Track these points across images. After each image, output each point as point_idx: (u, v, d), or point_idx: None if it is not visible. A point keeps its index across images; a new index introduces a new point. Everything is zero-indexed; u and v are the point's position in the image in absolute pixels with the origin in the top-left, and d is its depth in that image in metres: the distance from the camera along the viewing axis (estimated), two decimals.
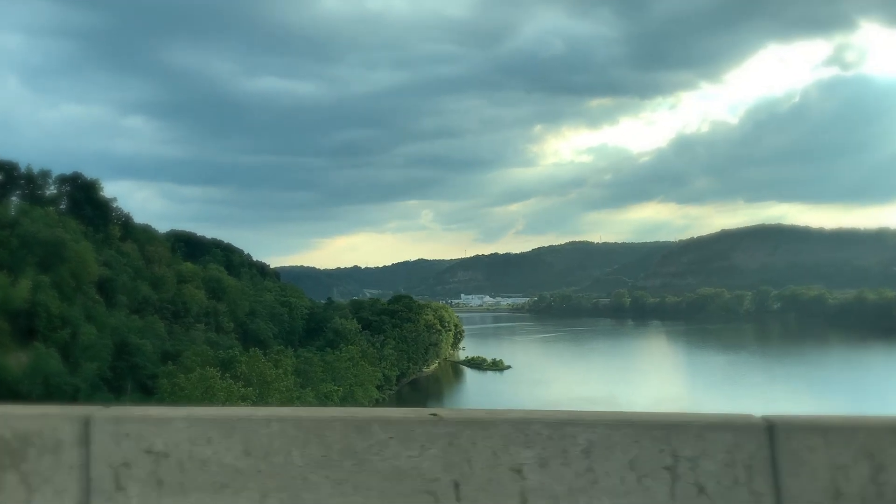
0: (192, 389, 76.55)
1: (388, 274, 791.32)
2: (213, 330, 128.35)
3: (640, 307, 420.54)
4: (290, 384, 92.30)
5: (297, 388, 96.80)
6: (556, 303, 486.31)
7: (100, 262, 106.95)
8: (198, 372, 77.12)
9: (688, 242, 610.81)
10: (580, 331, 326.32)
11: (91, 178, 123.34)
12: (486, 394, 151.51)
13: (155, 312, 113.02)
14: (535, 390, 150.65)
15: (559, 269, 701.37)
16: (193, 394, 75.85)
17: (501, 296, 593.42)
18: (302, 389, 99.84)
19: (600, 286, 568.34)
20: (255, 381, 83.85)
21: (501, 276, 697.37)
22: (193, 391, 76.36)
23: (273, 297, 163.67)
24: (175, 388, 78.26)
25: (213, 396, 74.91)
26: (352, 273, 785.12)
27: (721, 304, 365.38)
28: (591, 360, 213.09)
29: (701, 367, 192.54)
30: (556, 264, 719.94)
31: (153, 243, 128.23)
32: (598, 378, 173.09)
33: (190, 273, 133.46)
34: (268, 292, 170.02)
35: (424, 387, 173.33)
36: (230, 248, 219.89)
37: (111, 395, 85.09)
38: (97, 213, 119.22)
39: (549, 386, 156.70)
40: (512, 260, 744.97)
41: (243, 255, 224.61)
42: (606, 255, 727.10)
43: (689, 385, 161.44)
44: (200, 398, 75.08)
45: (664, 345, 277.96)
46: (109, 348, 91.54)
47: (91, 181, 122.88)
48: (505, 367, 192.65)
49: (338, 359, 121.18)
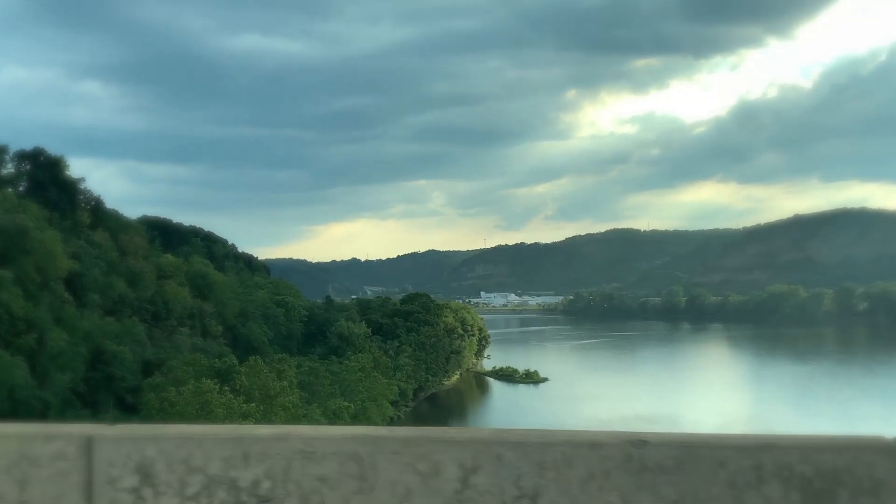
0: (185, 406, 77.49)
1: (393, 268, 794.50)
2: (198, 334, 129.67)
3: (697, 308, 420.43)
4: (295, 399, 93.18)
5: (302, 403, 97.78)
6: (595, 302, 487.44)
7: (67, 255, 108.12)
8: (192, 385, 77.98)
9: (753, 230, 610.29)
10: (626, 336, 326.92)
11: (55, 155, 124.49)
12: (521, 411, 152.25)
13: (133, 314, 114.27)
14: (580, 407, 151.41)
15: (598, 262, 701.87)
16: (186, 410, 76.74)
17: (529, 294, 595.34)
18: (307, 405, 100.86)
19: (648, 282, 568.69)
20: (256, 395, 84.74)
21: (529, 271, 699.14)
22: (186, 407, 77.28)
23: (266, 296, 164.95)
24: (164, 403, 79.23)
25: (209, 414, 75.80)
26: (350, 267, 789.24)
27: (796, 304, 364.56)
28: (642, 372, 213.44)
29: (773, 380, 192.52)
30: (594, 256, 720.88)
31: (128, 232, 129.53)
32: (650, 393, 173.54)
33: (171, 267, 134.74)
34: (259, 290, 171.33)
35: (445, 403, 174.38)
36: (211, 238, 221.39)
37: (86, 411, 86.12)
38: (63, 195, 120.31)
39: (595, 402, 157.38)
40: (541, 251, 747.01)
41: (227, 246, 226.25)
42: (655, 245, 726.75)
43: (759, 401, 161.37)
44: (195, 416, 76.00)
45: (728, 353, 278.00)
46: (83, 357, 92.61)
47: (55, 158, 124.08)
48: (540, 379, 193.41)
49: (347, 369, 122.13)
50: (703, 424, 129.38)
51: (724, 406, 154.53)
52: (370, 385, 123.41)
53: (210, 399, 76.75)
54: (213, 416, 75.27)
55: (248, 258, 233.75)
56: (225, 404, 77.59)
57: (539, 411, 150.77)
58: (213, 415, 75.41)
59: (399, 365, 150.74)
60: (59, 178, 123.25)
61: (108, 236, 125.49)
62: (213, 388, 77.75)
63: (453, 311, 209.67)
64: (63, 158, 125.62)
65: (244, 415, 78.14)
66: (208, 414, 75.82)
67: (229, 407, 77.37)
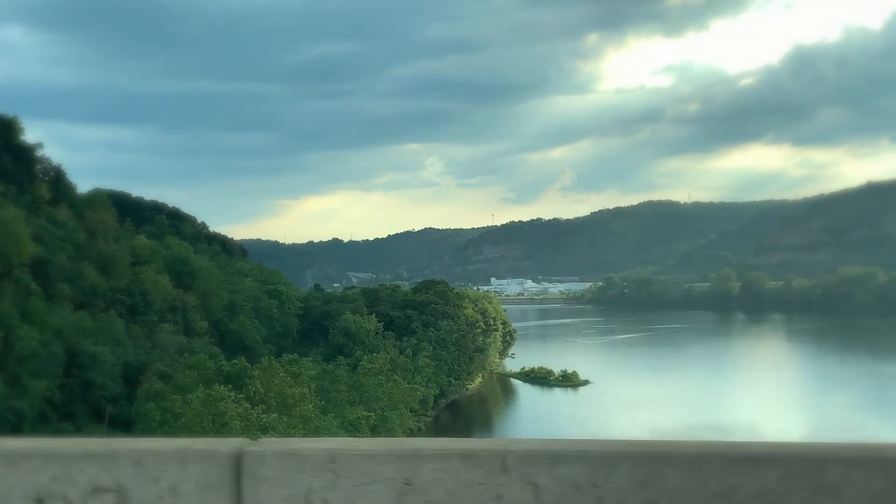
0: (193, 417, 77.49)
1: (383, 250, 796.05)
2: (181, 331, 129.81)
3: (753, 295, 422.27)
4: (313, 408, 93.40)
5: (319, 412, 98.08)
6: (630, 290, 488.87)
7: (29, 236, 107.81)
8: (201, 392, 77.97)
9: (816, 201, 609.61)
10: (672, 330, 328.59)
11: (7, 116, 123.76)
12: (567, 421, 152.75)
13: (107, 307, 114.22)
14: (635, 415, 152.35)
15: (630, 241, 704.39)
16: (195, 423, 76.77)
17: (549, 279, 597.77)
18: (323, 415, 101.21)
19: (691, 265, 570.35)
20: (274, 403, 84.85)
21: (548, 253, 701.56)
22: (195, 419, 77.29)
23: (254, 285, 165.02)
24: (166, 415, 79.25)
25: (224, 427, 75.80)
26: (330, 249, 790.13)
27: (874, 290, 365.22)
28: (696, 372, 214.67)
29: (851, 379, 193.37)
30: (625, 235, 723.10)
31: (95, 208, 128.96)
32: (710, 398, 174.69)
33: (147, 251, 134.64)
34: (244, 277, 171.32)
35: (468, 412, 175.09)
36: (178, 215, 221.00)
37: (69, 424, 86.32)
38: (19, 165, 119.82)
39: (649, 409, 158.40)
40: (562, 228, 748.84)
41: (197, 225, 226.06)
42: (697, 220, 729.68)
43: (838, 406, 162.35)
44: (207, 430, 76.04)
45: (795, 349, 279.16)
46: (60, 359, 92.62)
47: (7, 120, 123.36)
48: (581, 381, 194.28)
49: (365, 372, 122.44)
50: (785, 433, 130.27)
51: (801, 414, 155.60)
52: (392, 391, 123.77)
53: (225, 409, 76.67)
54: (227, 428, 75.25)
55: (222, 239, 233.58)
56: (241, 415, 77.57)
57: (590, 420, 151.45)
58: (227, 427, 75.38)
59: (418, 366, 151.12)
60: (13, 143, 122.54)
61: (72, 214, 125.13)
62: (228, 396, 77.70)
63: (472, 300, 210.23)
64: (17, 120, 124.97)
65: (263, 428, 78.14)
66: (222, 427, 75.81)
67: (247, 418, 77.34)
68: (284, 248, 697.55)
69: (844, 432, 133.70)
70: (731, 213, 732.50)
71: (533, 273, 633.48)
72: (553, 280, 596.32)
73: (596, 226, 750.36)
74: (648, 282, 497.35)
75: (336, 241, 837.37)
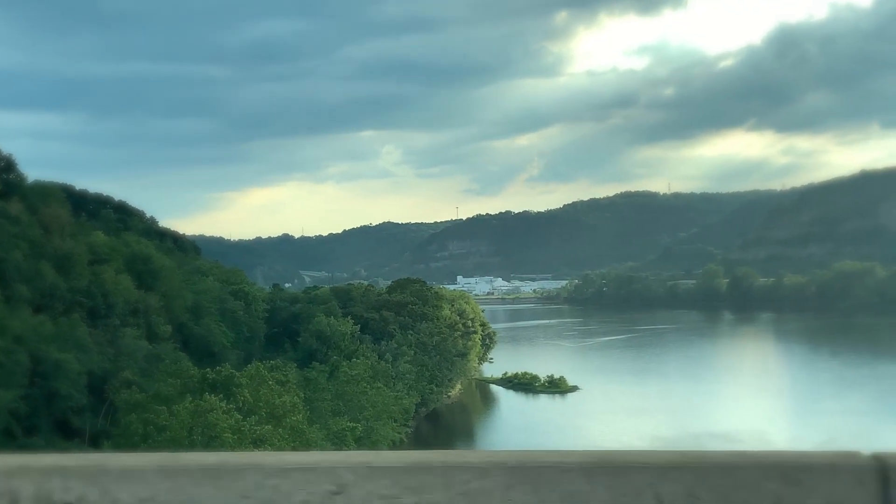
0: (180, 430, 77.43)
1: (338, 245, 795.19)
2: (143, 336, 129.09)
3: (742, 293, 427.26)
4: (301, 418, 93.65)
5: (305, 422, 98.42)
6: (609, 288, 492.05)
7: None
8: (189, 402, 77.90)
9: (805, 192, 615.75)
10: (658, 331, 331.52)
11: None
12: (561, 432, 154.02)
13: (66, 309, 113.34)
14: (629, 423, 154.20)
15: (607, 235, 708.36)
16: (181, 437, 76.70)
17: (521, 277, 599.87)
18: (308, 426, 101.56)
19: (673, 261, 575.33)
20: (263, 413, 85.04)
21: (518, 248, 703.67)
22: (181, 432, 77.23)
23: (216, 285, 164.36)
24: (149, 427, 79.03)
25: (215, 440, 75.87)
26: (279, 246, 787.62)
27: (872, 286, 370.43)
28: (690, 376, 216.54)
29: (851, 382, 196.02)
30: (601, 228, 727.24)
31: (48, 202, 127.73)
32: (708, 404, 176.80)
33: (106, 249, 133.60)
34: (205, 277, 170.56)
35: (448, 421, 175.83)
36: (125, 209, 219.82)
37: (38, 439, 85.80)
38: None
39: (647, 417, 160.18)
40: (532, 222, 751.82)
41: (146, 220, 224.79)
42: (678, 212, 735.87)
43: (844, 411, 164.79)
44: (196, 443, 76.07)
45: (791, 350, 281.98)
46: (25, 367, 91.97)
47: None
48: (569, 387, 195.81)
49: (347, 379, 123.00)
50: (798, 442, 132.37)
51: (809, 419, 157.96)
52: (376, 399, 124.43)
53: (214, 420, 76.70)
54: (219, 441, 75.31)
55: (174, 235, 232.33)
56: (232, 427, 77.65)
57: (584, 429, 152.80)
58: (219, 440, 75.43)
59: (399, 372, 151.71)
60: None
61: (24, 208, 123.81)
62: (219, 406, 77.74)
63: (448, 300, 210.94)
64: None
65: (256, 440, 78.34)
66: (213, 440, 75.85)
67: (239, 430, 77.46)
68: (230, 244, 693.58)
69: (853, 440, 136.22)
70: (714, 205, 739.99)
71: (502, 270, 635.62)
72: (525, 278, 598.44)
73: (569, 219, 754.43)
74: (629, 279, 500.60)
75: (286, 237, 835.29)
